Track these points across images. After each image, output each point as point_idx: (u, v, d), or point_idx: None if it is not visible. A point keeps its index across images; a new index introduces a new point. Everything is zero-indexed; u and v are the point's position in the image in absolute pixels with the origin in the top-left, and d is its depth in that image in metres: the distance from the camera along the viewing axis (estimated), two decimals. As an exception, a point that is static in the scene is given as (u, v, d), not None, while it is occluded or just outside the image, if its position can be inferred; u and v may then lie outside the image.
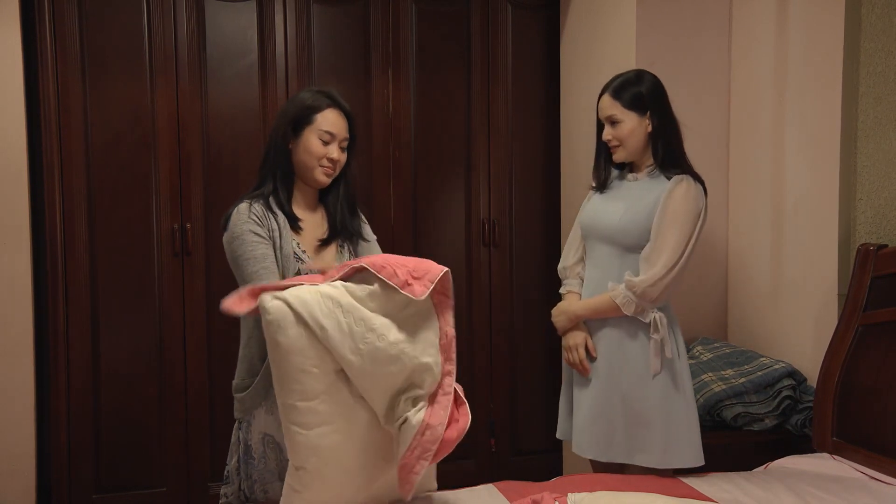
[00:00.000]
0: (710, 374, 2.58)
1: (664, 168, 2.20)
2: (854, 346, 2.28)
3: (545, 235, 3.51)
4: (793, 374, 2.48)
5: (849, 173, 2.40)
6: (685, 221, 2.13)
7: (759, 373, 2.49)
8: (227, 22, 3.14)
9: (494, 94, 3.42)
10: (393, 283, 1.70)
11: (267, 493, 1.98)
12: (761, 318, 2.79)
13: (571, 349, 2.25)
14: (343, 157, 2.05)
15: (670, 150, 2.20)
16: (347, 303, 1.70)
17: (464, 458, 3.38)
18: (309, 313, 1.67)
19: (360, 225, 2.14)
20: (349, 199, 2.10)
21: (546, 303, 2.78)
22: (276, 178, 2.01)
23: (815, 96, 2.51)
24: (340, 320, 1.68)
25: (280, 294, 1.70)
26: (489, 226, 3.44)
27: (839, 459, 2.23)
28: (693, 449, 2.17)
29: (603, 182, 2.31)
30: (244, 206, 1.96)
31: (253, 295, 1.74)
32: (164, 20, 3.06)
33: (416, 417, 1.67)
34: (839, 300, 2.42)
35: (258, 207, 1.96)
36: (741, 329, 2.91)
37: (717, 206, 2.91)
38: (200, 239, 3.12)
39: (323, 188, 2.08)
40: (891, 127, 2.32)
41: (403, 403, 1.70)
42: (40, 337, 3.03)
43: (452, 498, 1.94)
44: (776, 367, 2.49)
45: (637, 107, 2.19)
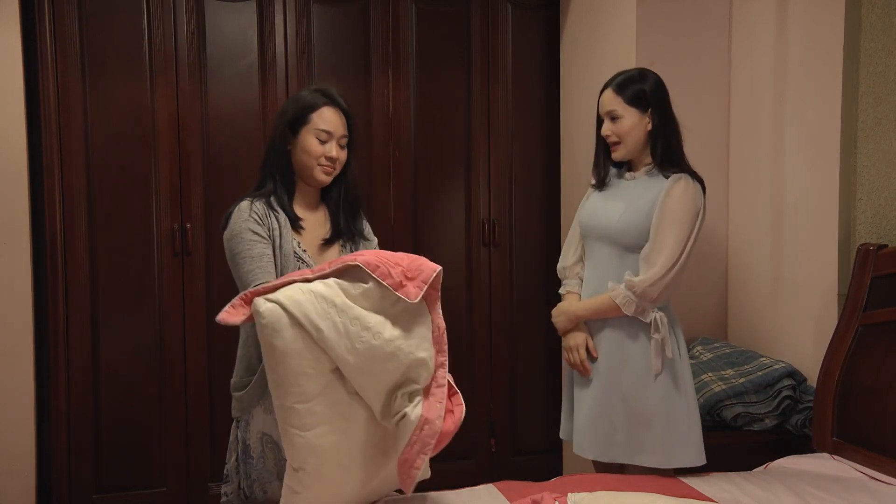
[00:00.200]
0: (710, 374, 2.58)
1: (662, 167, 2.19)
2: (854, 346, 2.28)
3: (545, 235, 3.50)
4: (793, 374, 2.48)
5: (849, 173, 2.40)
6: (684, 220, 2.12)
7: (759, 373, 2.49)
8: (227, 22, 3.14)
9: (494, 94, 3.41)
10: (387, 283, 1.69)
11: (266, 492, 1.98)
12: (761, 318, 2.79)
13: (572, 350, 2.25)
14: (343, 154, 2.03)
15: (669, 149, 2.20)
16: (342, 302, 1.69)
17: (464, 458, 3.39)
18: (304, 315, 1.65)
19: (362, 224, 2.13)
20: (351, 198, 2.10)
21: (546, 303, 2.79)
22: (277, 179, 2.01)
23: (815, 96, 2.51)
24: (335, 320, 1.67)
25: (273, 296, 1.68)
26: (489, 226, 3.44)
27: (839, 459, 2.23)
28: (694, 448, 2.17)
29: (602, 179, 2.31)
30: (245, 205, 1.96)
31: (245, 302, 1.71)
32: (164, 20, 3.06)
33: (414, 413, 1.67)
34: (839, 300, 2.42)
35: (260, 206, 1.96)
36: (741, 329, 2.91)
37: (717, 206, 2.91)
38: (200, 239, 3.12)
39: (324, 187, 2.08)
40: (891, 127, 2.32)
41: (400, 398, 1.70)
42: (40, 337, 3.03)
43: (452, 498, 1.94)
44: (776, 367, 2.49)
45: (639, 104, 2.18)
